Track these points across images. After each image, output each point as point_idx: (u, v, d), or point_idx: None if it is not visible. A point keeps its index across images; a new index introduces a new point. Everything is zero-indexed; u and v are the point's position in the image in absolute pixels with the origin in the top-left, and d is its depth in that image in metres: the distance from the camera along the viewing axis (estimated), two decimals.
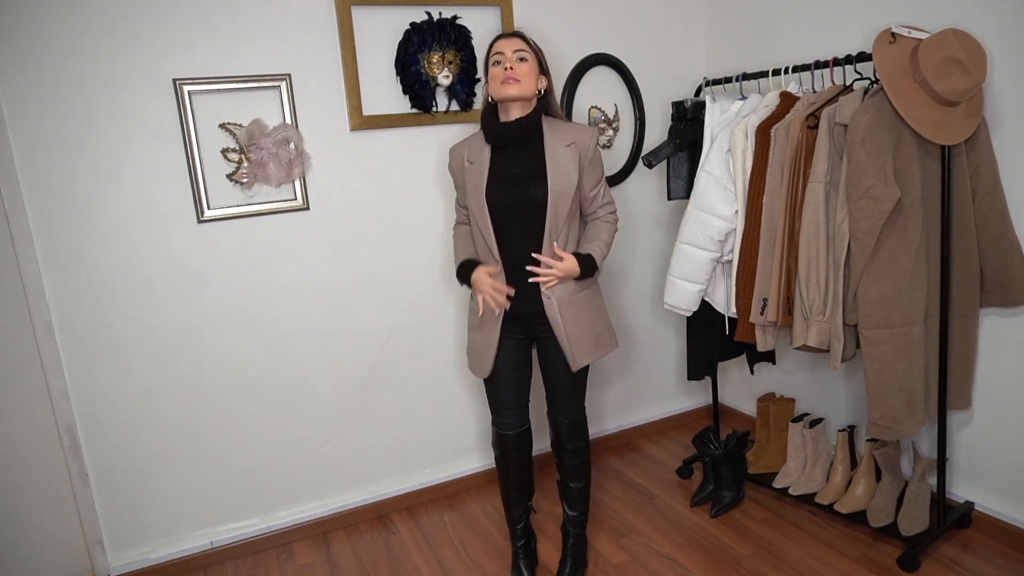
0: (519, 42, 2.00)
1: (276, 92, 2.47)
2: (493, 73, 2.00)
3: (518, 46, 1.99)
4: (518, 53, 1.98)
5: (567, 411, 2.17)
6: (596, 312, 2.15)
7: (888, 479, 2.46)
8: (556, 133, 2.03)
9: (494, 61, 2.00)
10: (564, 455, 2.22)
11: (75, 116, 2.23)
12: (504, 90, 1.96)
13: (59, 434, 2.33)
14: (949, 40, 1.95)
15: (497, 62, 1.99)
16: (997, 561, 2.23)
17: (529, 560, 2.35)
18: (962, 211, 2.14)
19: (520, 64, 1.98)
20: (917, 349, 2.10)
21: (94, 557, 2.42)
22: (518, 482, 2.26)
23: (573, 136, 2.02)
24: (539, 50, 2.05)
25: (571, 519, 2.28)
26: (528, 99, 2.01)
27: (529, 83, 1.98)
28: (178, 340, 2.45)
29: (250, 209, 2.48)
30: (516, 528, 2.32)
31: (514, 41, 2.00)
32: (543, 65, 2.05)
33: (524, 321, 2.11)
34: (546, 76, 2.07)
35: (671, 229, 3.19)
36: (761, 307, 2.32)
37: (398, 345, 2.79)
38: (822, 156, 2.13)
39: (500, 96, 1.99)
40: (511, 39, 2.01)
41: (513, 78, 1.95)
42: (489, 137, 2.05)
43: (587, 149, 2.02)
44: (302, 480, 2.71)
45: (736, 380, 3.40)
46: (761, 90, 2.65)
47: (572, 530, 2.30)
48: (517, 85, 1.95)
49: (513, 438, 2.20)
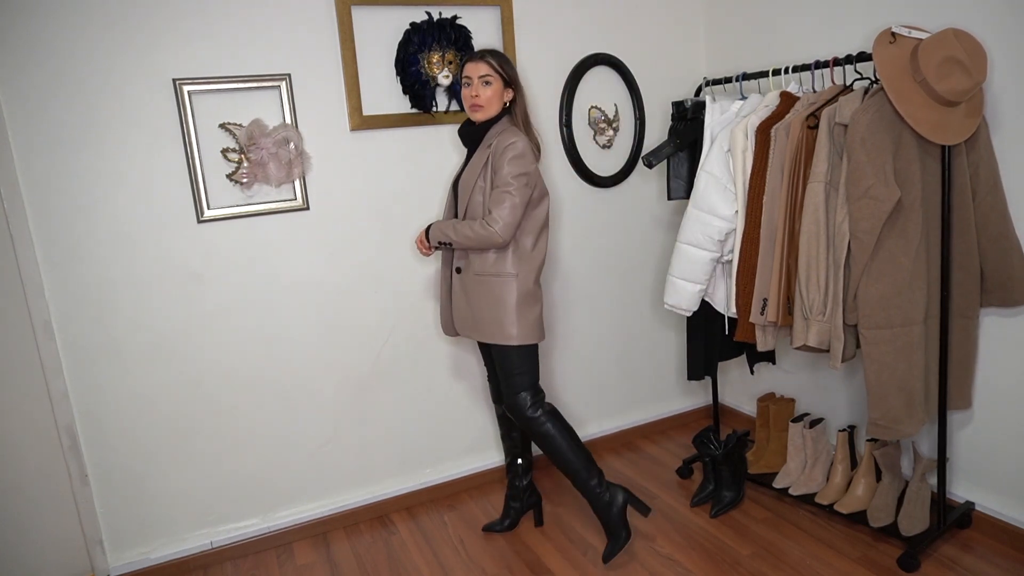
0: (484, 67, 2.21)
1: (276, 92, 2.47)
2: (464, 94, 2.26)
3: (483, 71, 2.21)
4: (483, 78, 2.21)
5: (505, 393, 2.37)
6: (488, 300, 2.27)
7: (888, 479, 2.46)
8: (494, 139, 2.24)
9: (465, 82, 2.25)
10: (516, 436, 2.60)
11: (75, 116, 2.23)
12: (472, 114, 2.26)
13: (59, 434, 2.33)
14: (949, 40, 1.95)
15: (467, 84, 2.24)
16: (997, 561, 2.23)
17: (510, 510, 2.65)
18: (962, 211, 2.14)
19: (484, 88, 2.21)
20: (917, 349, 2.10)
21: (94, 557, 2.42)
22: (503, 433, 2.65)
23: (497, 141, 2.21)
24: (503, 68, 2.23)
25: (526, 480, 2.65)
26: (494, 116, 2.26)
27: (493, 105, 2.23)
28: (178, 340, 2.45)
29: (250, 209, 2.48)
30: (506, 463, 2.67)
31: (480, 66, 2.21)
32: (509, 80, 2.25)
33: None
34: (512, 88, 2.27)
35: (671, 229, 3.19)
36: (761, 307, 2.32)
37: (398, 345, 2.79)
38: (822, 156, 2.13)
39: (470, 117, 2.29)
40: (477, 63, 2.22)
41: (478, 104, 2.22)
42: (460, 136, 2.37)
43: (495, 153, 2.19)
44: (302, 480, 2.71)
45: (736, 380, 3.40)
46: (761, 90, 2.65)
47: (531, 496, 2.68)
48: (481, 111, 2.23)
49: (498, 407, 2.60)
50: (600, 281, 3.15)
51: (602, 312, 3.18)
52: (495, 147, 2.20)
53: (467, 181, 2.26)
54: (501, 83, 2.23)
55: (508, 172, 2.15)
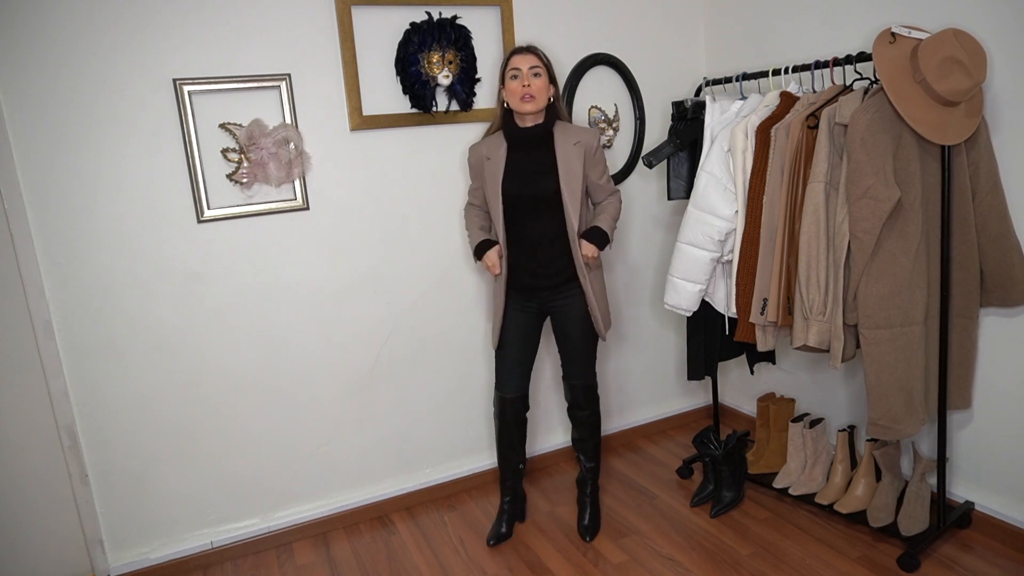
0: (533, 58, 2.26)
1: (276, 92, 2.47)
2: (511, 87, 2.27)
3: (533, 63, 2.26)
4: (533, 69, 2.25)
5: (582, 375, 2.47)
6: (604, 289, 2.50)
7: (888, 479, 2.46)
8: (565, 135, 2.33)
9: (511, 75, 2.27)
10: (581, 414, 2.52)
11: (75, 116, 2.23)
12: (523, 106, 2.26)
13: (59, 434, 2.33)
14: (949, 40, 1.95)
15: (515, 76, 2.26)
16: (997, 561, 2.23)
17: (511, 517, 2.61)
18: (962, 211, 2.14)
19: (535, 80, 2.25)
20: (917, 349, 2.10)
21: (94, 557, 2.42)
22: (510, 443, 2.54)
23: (579, 137, 2.33)
24: (549, 63, 2.31)
25: (588, 469, 2.59)
26: (542, 109, 2.29)
27: (543, 97, 2.27)
28: (178, 340, 2.45)
29: (250, 209, 2.48)
30: (506, 484, 2.59)
31: (529, 57, 2.26)
32: (552, 75, 2.31)
33: (536, 296, 2.40)
34: (554, 85, 2.34)
35: (671, 229, 3.19)
36: (761, 307, 2.32)
37: (398, 345, 2.79)
38: (822, 156, 2.13)
39: (519, 110, 2.28)
40: (526, 55, 2.27)
41: (530, 95, 2.24)
42: (508, 139, 2.34)
43: (591, 147, 2.34)
44: (302, 480, 2.71)
45: (736, 380, 3.40)
46: (761, 90, 2.65)
47: (589, 479, 2.60)
48: (533, 102, 2.25)
49: (511, 401, 2.48)
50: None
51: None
52: (586, 144, 2.31)
53: (572, 184, 2.29)
54: (547, 75, 2.28)
55: (603, 160, 2.41)
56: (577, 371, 2.47)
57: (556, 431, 3.15)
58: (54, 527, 2.35)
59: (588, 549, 2.48)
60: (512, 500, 2.61)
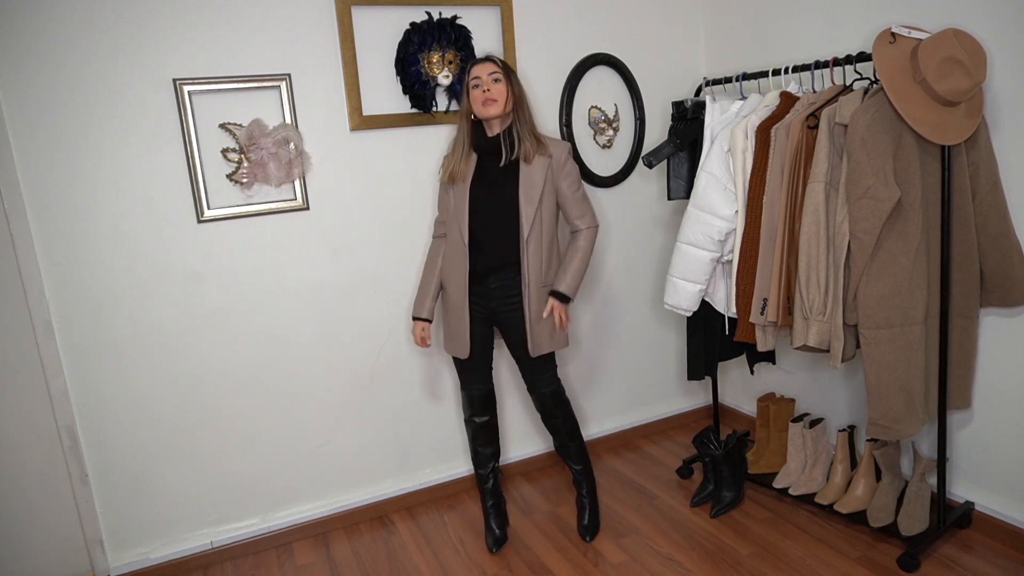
0: (491, 65, 2.29)
1: (276, 92, 2.47)
2: (474, 95, 2.30)
3: (491, 69, 2.28)
4: (492, 75, 2.27)
5: (545, 383, 2.46)
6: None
7: (888, 479, 2.46)
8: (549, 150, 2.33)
9: (473, 85, 2.29)
10: (555, 421, 2.51)
11: (75, 116, 2.23)
12: (486, 111, 2.27)
13: (59, 434, 2.33)
14: (949, 40, 1.95)
15: (476, 85, 2.28)
16: (997, 561, 2.23)
17: (500, 520, 2.59)
18: (962, 211, 2.14)
19: (495, 85, 2.27)
20: (917, 349, 2.10)
21: (94, 557, 2.42)
22: (485, 439, 2.54)
23: (547, 150, 2.33)
24: (510, 69, 2.32)
25: (578, 471, 2.59)
26: (506, 113, 2.30)
27: (503, 100, 2.28)
28: (178, 340, 2.45)
29: (250, 209, 2.48)
30: (485, 487, 2.58)
31: (487, 65, 2.29)
32: (513, 81, 2.32)
33: (487, 301, 2.39)
34: (517, 90, 2.33)
35: (671, 229, 3.19)
36: (761, 307, 2.32)
37: (397, 345, 2.79)
38: (822, 156, 2.13)
39: (483, 115, 2.29)
40: (484, 63, 2.30)
41: (491, 99, 2.26)
42: (477, 149, 2.36)
43: (558, 159, 2.33)
44: (302, 480, 2.71)
45: (736, 380, 3.40)
46: (761, 90, 2.65)
47: (583, 480, 2.60)
48: (495, 104, 2.27)
49: (480, 397, 2.51)
50: (600, 281, 3.15)
51: (602, 312, 3.18)
52: (556, 157, 2.32)
53: (530, 195, 2.29)
54: (507, 81, 2.29)
55: (574, 172, 2.37)
56: (538, 380, 2.45)
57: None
58: (54, 527, 2.35)
59: (588, 549, 2.48)
60: (496, 503, 2.58)
